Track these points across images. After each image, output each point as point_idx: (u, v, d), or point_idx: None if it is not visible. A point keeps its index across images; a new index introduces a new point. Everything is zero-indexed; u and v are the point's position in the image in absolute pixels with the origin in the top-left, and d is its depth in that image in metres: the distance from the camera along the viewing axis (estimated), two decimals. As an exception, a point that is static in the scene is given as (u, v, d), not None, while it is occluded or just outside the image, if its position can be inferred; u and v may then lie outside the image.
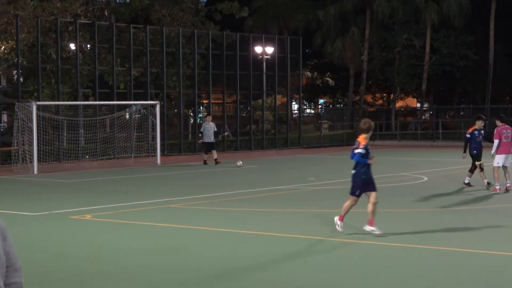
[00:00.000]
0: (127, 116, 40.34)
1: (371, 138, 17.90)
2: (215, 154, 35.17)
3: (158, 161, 36.31)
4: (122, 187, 25.78)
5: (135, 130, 38.68)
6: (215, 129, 35.65)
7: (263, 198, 21.73)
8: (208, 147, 35.42)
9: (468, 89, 70.35)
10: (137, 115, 40.44)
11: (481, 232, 15.29)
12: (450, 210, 18.81)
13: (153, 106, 38.24)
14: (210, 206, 19.77)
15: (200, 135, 36.00)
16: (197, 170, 32.77)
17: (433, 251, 13.19)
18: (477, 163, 23.47)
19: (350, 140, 55.30)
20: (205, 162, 35.28)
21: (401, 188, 24.45)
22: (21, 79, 40.58)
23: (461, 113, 67.13)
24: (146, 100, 41.23)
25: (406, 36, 62.91)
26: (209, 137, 35.02)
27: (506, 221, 16.91)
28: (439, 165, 34.00)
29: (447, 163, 35.31)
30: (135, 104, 39.80)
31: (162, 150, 38.90)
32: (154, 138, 38.32)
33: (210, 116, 36.92)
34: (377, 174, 29.33)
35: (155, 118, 37.70)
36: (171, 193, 23.14)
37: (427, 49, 63.15)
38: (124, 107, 39.35)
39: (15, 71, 41.82)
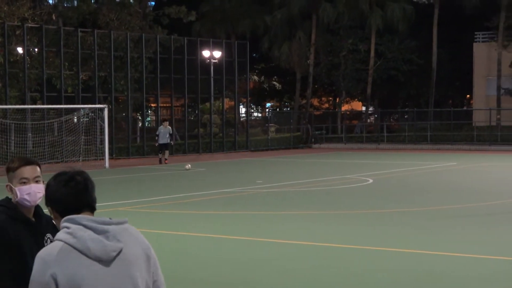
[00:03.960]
0: (75, 120, 40.31)
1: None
2: (166, 154, 39.04)
3: (107, 164, 36.40)
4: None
5: (83, 134, 38.69)
6: (170, 132, 39.24)
7: (211, 201, 21.90)
8: (161, 148, 38.91)
9: (412, 92, 71.42)
10: (85, 119, 40.45)
11: (422, 232, 15.69)
12: (394, 212, 19.17)
13: (101, 109, 38.33)
14: (158, 209, 19.89)
15: (156, 138, 39.21)
16: (146, 174, 32.90)
17: (375, 252, 13.51)
18: None
19: (297, 143, 56.01)
20: (160, 161, 38.61)
21: (346, 190, 24.83)
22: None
23: (405, 117, 68.17)
24: (94, 103, 41.23)
25: (351, 41, 63.67)
26: (163, 139, 38.52)
27: (446, 222, 17.26)
28: (383, 168, 34.64)
29: (391, 166, 35.95)
30: (83, 108, 39.84)
31: (110, 154, 39.02)
32: (102, 142, 38.41)
33: (167, 122, 40.40)
34: (323, 176, 30.07)
35: (103, 122, 37.79)
36: (119, 196, 23.14)
37: (372, 53, 64.00)
38: (72, 110, 39.36)
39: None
